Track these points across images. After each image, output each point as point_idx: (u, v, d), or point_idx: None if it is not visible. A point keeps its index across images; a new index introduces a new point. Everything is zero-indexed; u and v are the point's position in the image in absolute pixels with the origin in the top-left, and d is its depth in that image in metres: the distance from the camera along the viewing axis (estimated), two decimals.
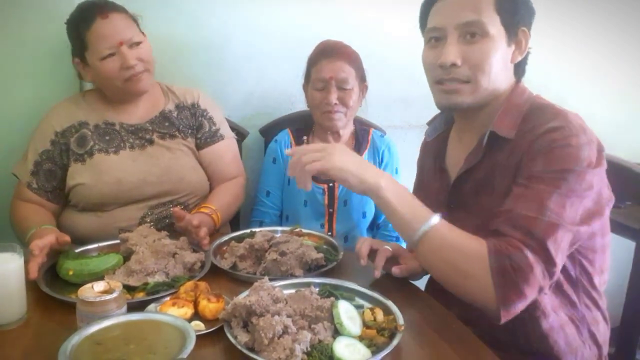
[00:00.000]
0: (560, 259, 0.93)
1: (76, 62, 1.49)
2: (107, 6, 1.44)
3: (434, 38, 1.09)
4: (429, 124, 1.31)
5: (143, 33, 1.50)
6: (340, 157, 1.02)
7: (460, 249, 0.95)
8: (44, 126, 1.49)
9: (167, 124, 1.57)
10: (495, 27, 1.03)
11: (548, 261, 0.91)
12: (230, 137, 1.69)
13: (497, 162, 1.06)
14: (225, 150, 1.66)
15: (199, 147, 1.62)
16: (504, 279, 0.90)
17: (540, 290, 0.92)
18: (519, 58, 1.10)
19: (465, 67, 1.05)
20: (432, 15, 1.10)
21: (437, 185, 1.23)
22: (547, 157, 0.96)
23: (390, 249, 1.19)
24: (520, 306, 0.92)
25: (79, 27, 1.43)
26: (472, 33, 1.03)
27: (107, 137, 1.50)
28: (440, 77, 1.08)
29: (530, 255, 0.90)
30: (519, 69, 1.13)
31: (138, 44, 1.45)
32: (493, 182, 1.06)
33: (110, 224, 1.45)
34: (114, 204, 1.46)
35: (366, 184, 1.01)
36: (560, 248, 0.92)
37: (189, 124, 1.60)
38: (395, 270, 1.16)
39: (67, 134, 1.48)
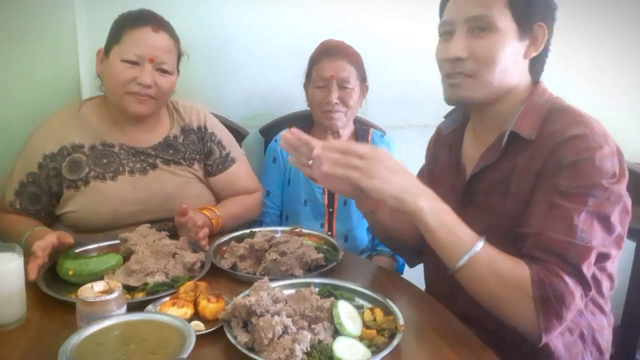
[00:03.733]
0: (592, 278, 0.95)
1: (100, 49, 1.42)
2: (164, 25, 1.41)
3: (445, 32, 1.09)
4: (446, 117, 1.29)
5: (178, 71, 1.47)
6: (382, 175, 0.93)
7: (503, 279, 0.92)
8: (32, 145, 1.40)
9: (171, 151, 1.50)
10: (504, 21, 1.01)
11: (584, 284, 0.93)
12: (241, 157, 1.65)
13: (516, 164, 1.04)
14: (238, 173, 1.63)
15: (210, 174, 1.58)
16: (547, 308, 0.90)
17: (578, 310, 0.95)
18: (534, 54, 1.07)
19: (470, 60, 1.03)
20: (446, 10, 1.10)
21: (453, 180, 1.20)
22: (572, 172, 0.95)
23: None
24: (560, 329, 0.94)
25: (127, 22, 1.38)
26: (480, 27, 1.02)
27: (105, 161, 1.41)
28: (448, 71, 1.07)
29: (570, 282, 0.91)
30: (536, 66, 1.11)
31: (165, 72, 1.40)
32: (509, 184, 1.05)
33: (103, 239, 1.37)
34: (109, 229, 1.39)
35: (405, 206, 0.94)
36: (591, 268, 0.95)
37: (196, 149, 1.54)
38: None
39: (58, 158, 1.38)
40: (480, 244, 0.94)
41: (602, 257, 0.98)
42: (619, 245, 1.01)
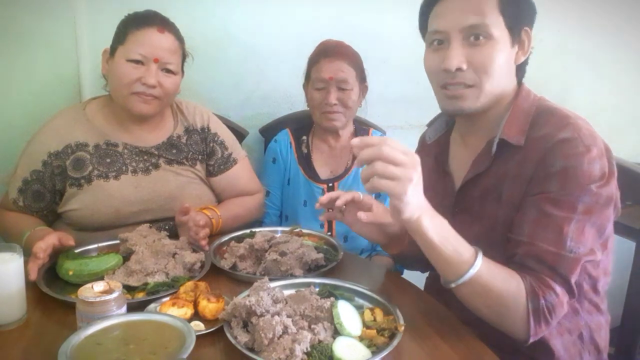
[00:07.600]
0: (587, 276, 0.99)
1: (105, 49, 1.42)
2: (169, 26, 1.41)
3: (436, 41, 1.07)
4: (429, 125, 1.29)
5: (183, 72, 1.47)
6: (414, 188, 0.86)
7: (501, 294, 0.93)
8: (37, 143, 1.40)
9: (174, 151, 1.50)
10: (499, 29, 1.02)
11: (571, 292, 0.96)
12: (242, 158, 1.65)
13: (507, 171, 1.04)
14: (240, 174, 1.63)
15: (211, 174, 1.58)
16: (539, 317, 0.93)
17: (575, 311, 1.00)
18: (523, 59, 1.08)
19: (470, 70, 1.03)
20: (433, 18, 1.08)
21: (441, 189, 1.20)
22: (561, 178, 0.96)
23: (361, 195, 1.13)
24: (547, 331, 0.97)
25: (133, 22, 1.38)
26: (476, 35, 1.01)
27: (108, 160, 1.41)
28: (445, 82, 1.06)
29: (560, 292, 0.94)
30: (521, 69, 1.11)
31: (170, 73, 1.40)
32: (501, 190, 1.05)
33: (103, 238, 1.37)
34: (110, 228, 1.40)
35: (409, 223, 0.91)
36: (577, 276, 0.96)
37: (199, 149, 1.55)
38: (362, 214, 1.03)
39: (62, 156, 1.39)
40: (480, 261, 0.92)
41: (591, 260, 1.00)
42: (607, 245, 1.03)
